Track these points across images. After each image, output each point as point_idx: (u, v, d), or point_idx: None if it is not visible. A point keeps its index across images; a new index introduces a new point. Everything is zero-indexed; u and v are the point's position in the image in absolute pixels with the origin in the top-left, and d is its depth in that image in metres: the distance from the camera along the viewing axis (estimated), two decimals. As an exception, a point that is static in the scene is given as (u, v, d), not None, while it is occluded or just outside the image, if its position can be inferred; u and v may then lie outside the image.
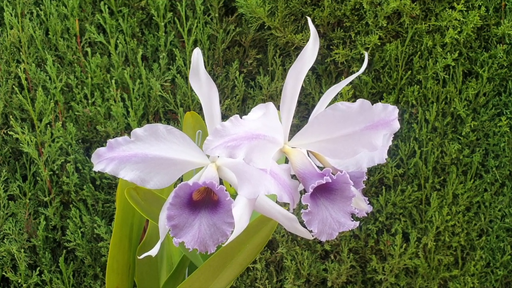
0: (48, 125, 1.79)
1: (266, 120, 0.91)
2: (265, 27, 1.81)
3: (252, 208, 0.98)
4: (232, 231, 0.93)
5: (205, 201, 0.95)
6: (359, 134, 0.93)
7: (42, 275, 1.81)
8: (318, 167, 0.97)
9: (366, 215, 1.04)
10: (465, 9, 1.72)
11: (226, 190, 0.92)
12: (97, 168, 0.95)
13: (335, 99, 1.70)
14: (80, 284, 1.87)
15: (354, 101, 0.92)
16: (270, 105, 0.91)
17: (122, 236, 1.31)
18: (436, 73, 1.77)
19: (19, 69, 1.79)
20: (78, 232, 1.80)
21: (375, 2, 1.73)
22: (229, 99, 1.84)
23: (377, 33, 1.74)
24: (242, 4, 1.76)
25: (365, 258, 1.89)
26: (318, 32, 0.93)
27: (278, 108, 0.96)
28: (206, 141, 0.86)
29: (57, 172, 1.82)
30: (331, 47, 1.80)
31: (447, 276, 1.87)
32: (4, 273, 1.82)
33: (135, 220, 1.33)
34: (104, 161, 0.95)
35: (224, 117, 1.69)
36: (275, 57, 1.82)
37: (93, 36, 1.83)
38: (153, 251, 1.02)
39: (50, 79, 1.82)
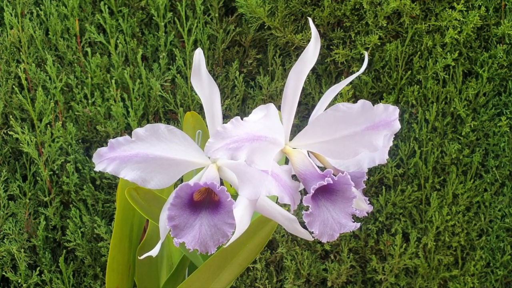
0: (48, 125, 1.79)
1: (267, 121, 0.91)
2: (265, 27, 1.81)
3: (253, 209, 0.98)
4: (233, 232, 0.93)
5: (206, 201, 0.95)
6: (360, 135, 0.93)
7: (42, 275, 1.81)
8: (318, 167, 0.97)
9: (366, 215, 1.04)
10: (465, 9, 1.72)
11: (227, 191, 0.91)
12: (98, 168, 0.95)
13: (335, 99, 1.70)
14: (80, 284, 1.87)
15: (354, 101, 0.92)
16: (271, 106, 0.91)
17: (122, 236, 1.31)
18: (436, 73, 1.77)
19: (19, 69, 1.79)
20: (78, 232, 1.80)
21: (375, 2, 1.73)
22: (229, 99, 1.84)
23: (377, 33, 1.74)
24: (242, 4, 1.76)
25: (365, 258, 1.89)
26: (318, 32, 0.93)
27: (278, 108, 0.96)
28: (207, 143, 0.86)
29: (57, 172, 1.82)
30: (331, 47, 1.80)
31: (447, 276, 1.87)
32: (4, 273, 1.82)
33: (135, 220, 1.33)
34: (105, 161, 0.95)
35: (224, 117, 1.69)
36: (275, 57, 1.82)
37: (93, 36, 1.83)
38: (154, 252, 1.02)
39: (50, 79, 1.82)
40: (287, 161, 1.02)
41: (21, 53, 1.83)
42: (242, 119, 0.88)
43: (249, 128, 0.88)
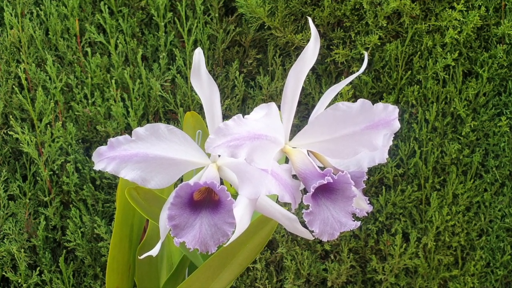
0: (48, 125, 1.79)
1: (268, 120, 0.91)
2: (265, 27, 1.81)
3: (253, 208, 0.98)
4: (233, 231, 0.93)
5: (206, 201, 0.95)
6: (360, 134, 0.93)
7: (42, 275, 1.81)
8: (318, 167, 0.97)
9: (366, 215, 1.04)
10: (465, 9, 1.72)
11: (227, 190, 0.91)
12: (97, 167, 0.95)
13: (335, 99, 1.70)
14: (80, 284, 1.87)
15: (354, 101, 0.92)
16: (272, 105, 0.92)
17: (122, 236, 1.31)
18: (436, 73, 1.77)
19: (19, 69, 1.79)
20: (78, 232, 1.80)
21: (375, 2, 1.73)
22: (229, 99, 1.84)
23: (377, 33, 1.74)
24: (242, 4, 1.76)
25: (365, 258, 1.89)
26: (318, 32, 0.93)
27: (278, 108, 0.96)
28: (208, 139, 0.86)
29: (57, 172, 1.82)
30: (331, 47, 1.80)
31: (447, 276, 1.87)
32: (4, 273, 1.82)
33: (135, 220, 1.33)
34: (105, 160, 0.95)
35: (224, 117, 1.69)
36: (275, 57, 1.82)
37: (93, 36, 1.83)
38: (154, 251, 1.02)
39: (50, 79, 1.82)
40: (287, 161, 1.02)
41: (21, 53, 1.83)
42: (243, 117, 0.88)
43: (250, 126, 0.88)
